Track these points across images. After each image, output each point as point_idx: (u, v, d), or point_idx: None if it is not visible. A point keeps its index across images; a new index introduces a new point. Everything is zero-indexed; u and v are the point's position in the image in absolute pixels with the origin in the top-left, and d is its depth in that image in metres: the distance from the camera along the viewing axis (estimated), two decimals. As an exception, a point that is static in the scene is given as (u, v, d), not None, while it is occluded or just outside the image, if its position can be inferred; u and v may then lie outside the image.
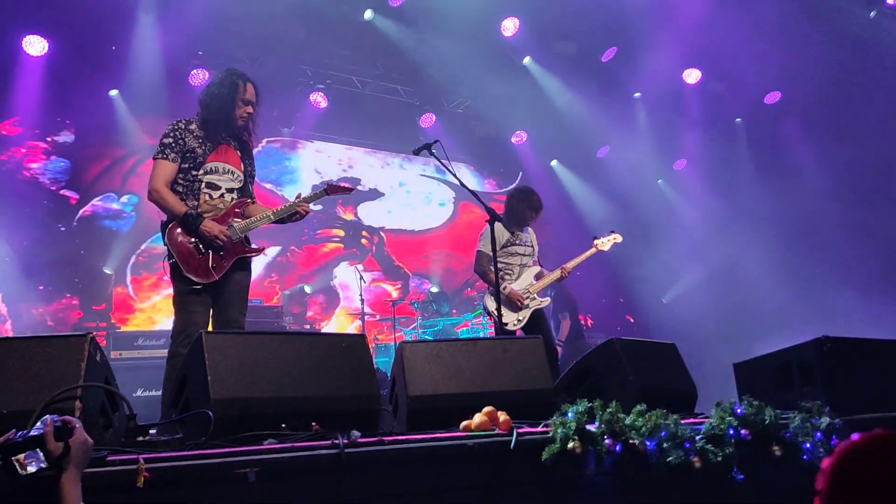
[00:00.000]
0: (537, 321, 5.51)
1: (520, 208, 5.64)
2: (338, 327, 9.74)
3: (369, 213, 10.56)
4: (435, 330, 8.62)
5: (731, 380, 4.05)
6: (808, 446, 2.92)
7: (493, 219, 4.77)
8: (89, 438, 1.78)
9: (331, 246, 10.14)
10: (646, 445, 2.57)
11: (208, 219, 3.90)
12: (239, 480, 2.04)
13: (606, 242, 5.96)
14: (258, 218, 4.07)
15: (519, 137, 11.10)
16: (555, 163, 11.48)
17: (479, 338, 7.46)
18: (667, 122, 10.59)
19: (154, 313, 8.48)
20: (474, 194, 4.85)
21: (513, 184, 11.12)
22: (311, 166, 10.18)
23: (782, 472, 2.87)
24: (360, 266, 9.70)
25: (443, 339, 7.04)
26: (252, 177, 4.27)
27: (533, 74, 9.78)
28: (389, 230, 10.67)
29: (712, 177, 10.89)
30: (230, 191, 4.08)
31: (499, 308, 4.79)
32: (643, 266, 10.33)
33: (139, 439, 2.35)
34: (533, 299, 5.53)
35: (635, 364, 3.43)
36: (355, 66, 9.60)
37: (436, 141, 4.80)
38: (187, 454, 2.11)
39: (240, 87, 4.07)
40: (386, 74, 9.83)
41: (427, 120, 10.33)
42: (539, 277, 5.67)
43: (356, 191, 8.45)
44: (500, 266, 5.23)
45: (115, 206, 8.53)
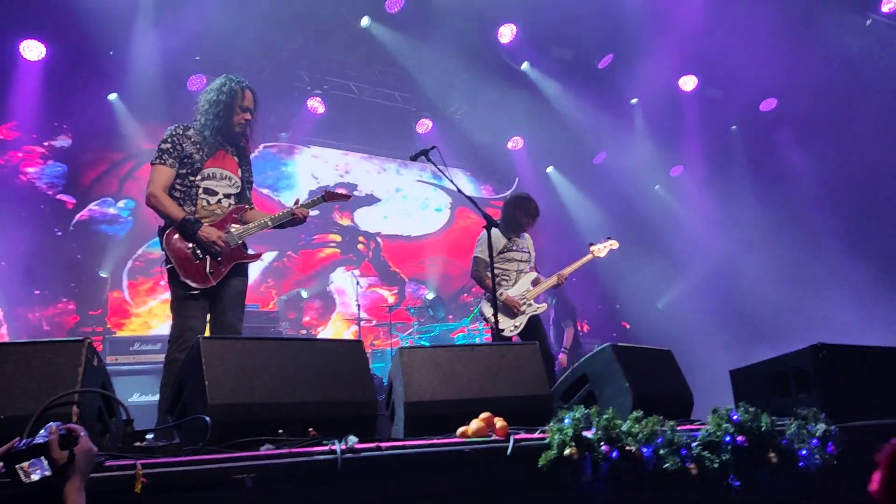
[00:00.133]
0: (534, 327, 5.51)
1: (517, 214, 5.64)
2: (334, 333, 9.72)
3: (366, 219, 10.56)
4: (431, 335, 8.61)
5: (727, 386, 4.05)
6: (804, 453, 2.94)
7: (489, 224, 4.78)
8: (94, 447, 1.78)
9: (327, 251, 10.14)
10: (642, 452, 2.58)
11: (206, 224, 3.90)
12: (236, 486, 2.05)
13: (603, 249, 5.94)
14: (256, 224, 4.08)
15: (515, 143, 11.11)
16: (551, 169, 11.50)
17: (476, 344, 7.46)
18: (663, 128, 10.59)
19: (150, 318, 8.45)
20: (471, 200, 4.86)
21: (509, 190, 11.14)
22: (308, 172, 10.19)
23: (778, 479, 2.89)
24: (357, 271, 9.69)
25: (440, 344, 7.03)
26: (250, 183, 4.27)
27: (530, 80, 9.80)
28: (386, 236, 10.68)
29: (709, 183, 10.90)
30: (228, 196, 4.08)
31: (495, 314, 4.80)
32: (639, 272, 10.34)
33: (136, 444, 2.35)
34: (529, 305, 5.54)
35: (632, 370, 3.42)
36: (352, 72, 9.61)
37: (432, 147, 4.82)
38: (184, 460, 2.11)
39: (238, 94, 4.08)
40: (383, 80, 9.84)
41: (423, 126, 10.34)
42: (536, 283, 5.67)
43: (353, 196, 8.47)
44: (496, 272, 5.24)
45: (111, 210, 8.52)
